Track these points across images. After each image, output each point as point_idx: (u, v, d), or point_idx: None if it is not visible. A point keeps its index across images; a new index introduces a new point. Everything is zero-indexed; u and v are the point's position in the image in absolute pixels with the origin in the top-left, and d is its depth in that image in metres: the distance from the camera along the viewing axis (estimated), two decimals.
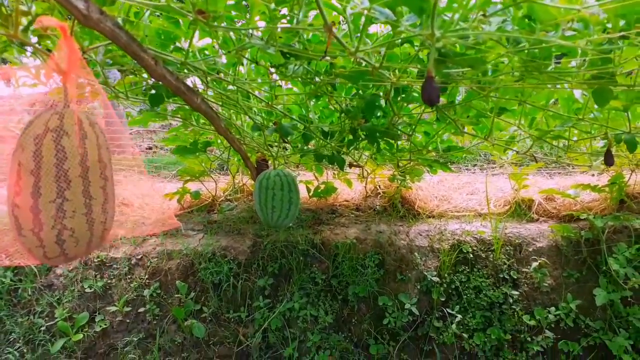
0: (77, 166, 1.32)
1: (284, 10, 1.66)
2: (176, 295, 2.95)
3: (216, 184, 3.65)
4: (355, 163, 3.10)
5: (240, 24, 1.82)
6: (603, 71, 1.61)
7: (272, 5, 1.56)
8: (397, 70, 1.83)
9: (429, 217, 3.36)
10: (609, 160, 2.19)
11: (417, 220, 3.30)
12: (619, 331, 2.64)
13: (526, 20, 1.43)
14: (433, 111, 2.28)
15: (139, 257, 3.07)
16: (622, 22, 1.40)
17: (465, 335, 2.73)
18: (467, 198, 3.60)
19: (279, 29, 1.61)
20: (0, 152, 1.63)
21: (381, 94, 2.12)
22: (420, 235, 3.09)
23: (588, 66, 1.64)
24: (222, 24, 1.62)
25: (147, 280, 2.98)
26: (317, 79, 2.06)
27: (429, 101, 1.26)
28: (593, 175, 3.70)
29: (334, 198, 3.66)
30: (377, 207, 3.54)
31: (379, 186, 3.75)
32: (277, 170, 2.54)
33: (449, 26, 1.29)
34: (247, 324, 2.91)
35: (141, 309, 2.91)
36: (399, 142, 2.74)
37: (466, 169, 4.64)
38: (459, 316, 2.76)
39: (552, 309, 2.72)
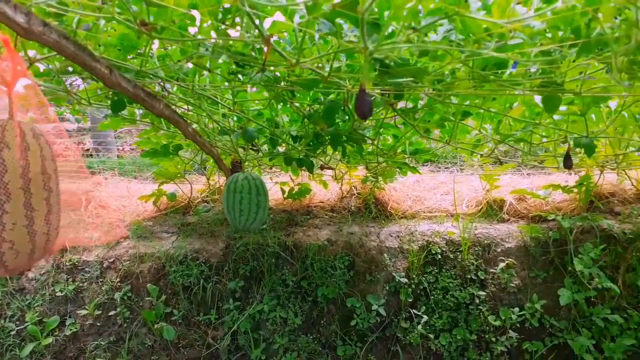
0: (17, 179, 1.34)
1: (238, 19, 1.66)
2: (147, 298, 2.96)
3: (191, 186, 3.66)
4: (326, 165, 3.12)
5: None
6: (550, 79, 1.63)
7: (220, 16, 1.57)
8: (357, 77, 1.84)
9: (402, 217, 3.38)
10: (567, 163, 2.21)
11: (389, 221, 3.32)
12: (582, 331, 2.67)
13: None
14: (393, 116, 2.30)
15: (111, 260, 3.08)
16: (561, 33, 1.42)
17: (431, 336, 2.76)
18: (441, 198, 3.62)
19: (227, 39, 1.62)
20: None
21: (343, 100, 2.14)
22: (391, 236, 3.11)
23: (538, 74, 1.66)
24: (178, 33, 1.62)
25: (119, 284, 2.99)
26: (277, 84, 2.07)
27: (361, 114, 1.28)
28: (571, 174, 3.72)
29: (310, 199, 3.68)
30: (352, 208, 3.56)
31: (355, 187, 3.77)
32: (246, 174, 2.56)
33: (384, 39, 1.31)
34: (216, 327, 2.93)
35: (112, 312, 2.92)
36: (372, 145, 2.75)
37: (445, 169, 4.66)
38: (425, 317, 2.78)
39: (517, 309, 2.75)
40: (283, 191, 3.46)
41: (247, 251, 3.06)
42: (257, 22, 1.29)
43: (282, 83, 2.07)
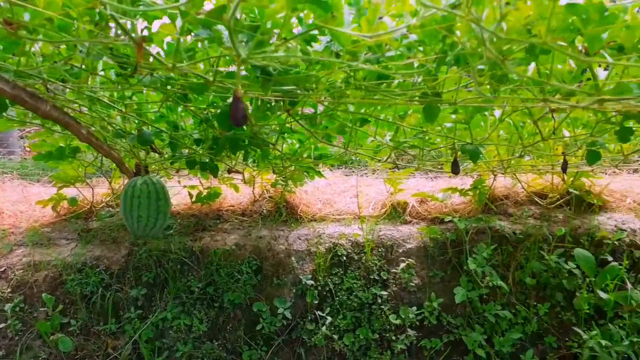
0: None
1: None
2: (42, 309, 2.81)
3: (93, 190, 3.51)
4: (233, 169, 3.09)
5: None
6: (429, 90, 1.71)
7: (97, 17, 1.52)
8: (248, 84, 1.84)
9: (311, 220, 3.42)
10: (455, 169, 2.34)
11: (299, 224, 3.35)
12: (475, 327, 2.82)
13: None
14: (292, 122, 2.33)
15: (2, 269, 2.89)
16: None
17: (335, 337, 2.81)
18: (350, 201, 3.70)
19: (108, 42, 1.57)
20: None
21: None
22: (300, 239, 3.14)
23: (421, 85, 1.74)
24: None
25: (10, 294, 2.82)
26: (170, 88, 2.03)
27: (235, 122, 1.29)
28: (473, 177, 3.92)
29: (220, 203, 3.64)
30: (264, 211, 3.56)
31: (268, 190, 3.77)
32: (145, 178, 2.50)
33: (258, 47, 1.32)
34: (117, 336, 2.83)
35: (1, 325, 2.75)
36: (274, 150, 2.76)
37: (358, 172, 4.76)
38: (330, 318, 2.84)
39: (414, 308, 2.87)
40: (190, 195, 3.40)
41: (150, 257, 2.98)
42: (128, 24, 1.26)
43: (176, 87, 2.03)
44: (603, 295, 2.74)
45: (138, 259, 2.98)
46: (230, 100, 2.20)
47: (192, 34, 1.61)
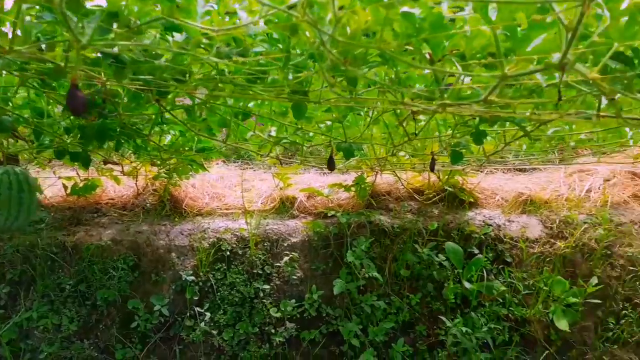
0: None
1: None
2: None
3: None
4: (110, 160, 2.95)
5: None
6: (288, 87, 1.73)
7: None
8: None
9: (197, 215, 3.36)
10: (330, 166, 2.40)
11: (183, 219, 3.28)
12: (352, 317, 2.93)
13: None
14: (164, 112, 2.26)
15: None
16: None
17: (214, 332, 2.79)
18: (240, 195, 3.68)
19: None
20: None
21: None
22: (182, 234, 3.07)
23: (293, 82, 1.76)
24: None
25: None
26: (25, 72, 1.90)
27: (73, 111, 1.23)
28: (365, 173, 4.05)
29: (100, 196, 3.46)
30: (148, 205, 3.44)
31: (153, 183, 3.65)
32: (6, 168, 2.31)
33: (102, 34, 1.27)
34: None
35: None
36: (150, 141, 2.67)
37: (253, 167, 4.75)
38: (209, 314, 2.81)
39: (294, 301, 2.92)
40: (65, 187, 3.20)
41: (16, 253, 2.78)
42: None
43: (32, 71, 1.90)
44: (468, 285, 2.96)
45: (2, 255, 2.77)
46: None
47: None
